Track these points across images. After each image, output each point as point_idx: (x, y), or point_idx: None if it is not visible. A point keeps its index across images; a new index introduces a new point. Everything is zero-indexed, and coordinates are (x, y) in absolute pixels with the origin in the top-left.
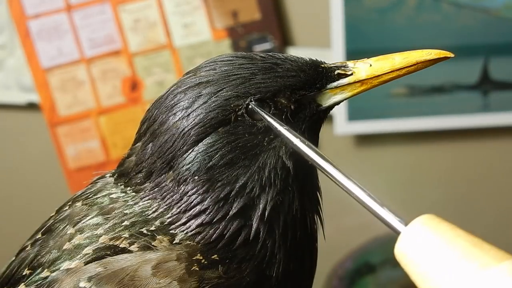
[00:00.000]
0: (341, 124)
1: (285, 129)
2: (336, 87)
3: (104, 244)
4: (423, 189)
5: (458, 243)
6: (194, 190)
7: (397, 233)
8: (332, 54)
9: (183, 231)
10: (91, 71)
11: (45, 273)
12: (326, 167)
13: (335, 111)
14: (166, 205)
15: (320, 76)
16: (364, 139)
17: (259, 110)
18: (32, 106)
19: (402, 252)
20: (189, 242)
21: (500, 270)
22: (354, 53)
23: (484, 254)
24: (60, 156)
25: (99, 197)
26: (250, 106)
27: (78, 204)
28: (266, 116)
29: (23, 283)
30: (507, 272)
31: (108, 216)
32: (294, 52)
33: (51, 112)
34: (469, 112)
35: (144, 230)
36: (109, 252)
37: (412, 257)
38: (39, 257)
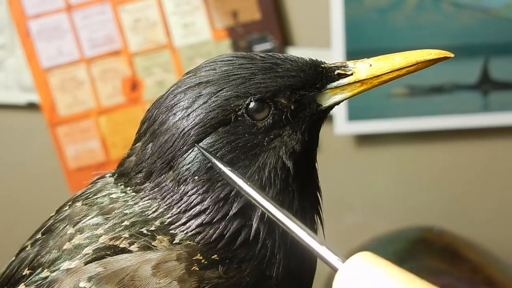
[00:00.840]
0: (341, 124)
1: (229, 169)
2: (336, 87)
3: (104, 244)
4: (423, 189)
5: (393, 280)
6: (194, 190)
7: (335, 270)
8: (332, 54)
9: (183, 231)
10: (91, 71)
11: (45, 273)
12: (268, 206)
13: (335, 111)
14: (166, 205)
15: (320, 76)
16: (364, 139)
17: (204, 152)
18: (32, 106)
19: None
20: (189, 242)
21: None
22: (354, 53)
23: None
24: (60, 156)
25: (99, 197)
26: (196, 149)
27: (78, 204)
28: (212, 158)
29: (23, 283)
30: None
31: (108, 216)
32: (294, 52)
33: (51, 112)
34: (469, 112)
35: (144, 230)
36: (109, 252)
37: None
38: (39, 257)
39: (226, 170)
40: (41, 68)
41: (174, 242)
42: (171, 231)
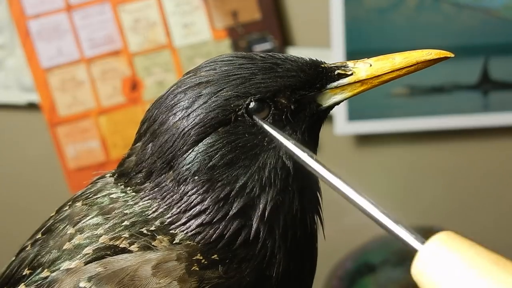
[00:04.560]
0: (341, 124)
1: (291, 142)
2: (336, 87)
3: (104, 244)
4: (423, 189)
5: (479, 262)
6: (194, 190)
7: (413, 251)
8: (332, 54)
9: (183, 231)
10: (91, 71)
11: (45, 273)
12: (335, 182)
13: (335, 111)
14: (166, 205)
15: (320, 76)
16: (364, 139)
17: (258, 120)
18: (32, 106)
19: (420, 271)
20: (189, 242)
21: None
22: (354, 53)
23: (507, 273)
24: (60, 156)
25: (99, 197)
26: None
27: (78, 204)
28: (266, 126)
29: (23, 283)
30: None
31: (108, 216)
32: (294, 52)
33: (51, 112)
34: (469, 112)
35: (144, 230)
36: (109, 252)
37: (431, 277)
38: (39, 257)
39: (281, 138)
40: (41, 68)
41: (174, 242)
42: (171, 231)
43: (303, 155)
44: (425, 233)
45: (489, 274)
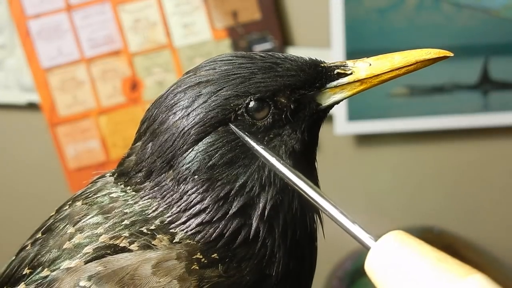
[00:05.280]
0: (341, 124)
1: (261, 148)
2: (335, 87)
3: (104, 243)
4: (423, 189)
5: (426, 258)
6: (194, 189)
7: (367, 248)
8: (332, 54)
9: (183, 230)
10: (91, 71)
11: (45, 272)
12: (300, 184)
13: (335, 111)
14: (166, 204)
15: (320, 75)
16: (364, 139)
17: (237, 130)
18: (32, 106)
19: (372, 267)
20: (189, 241)
21: (467, 284)
22: (354, 53)
23: (451, 269)
24: (60, 156)
25: (99, 197)
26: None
27: (78, 203)
28: (245, 136)
29: (23, 282)
30: (474, 286)
31: (108, 215)
32: (294, 52)
33: (51, 112)
34: (469, 112)
35: (144, 229)
36: (109, 251)
37: (382, 272)
38: (39, 256)
39: (259, 148)
40: (41, 68)
41: (174, 241)
42: (171, 230)
43: (272, 159)
44: (425, 233)
45: (434, 269)
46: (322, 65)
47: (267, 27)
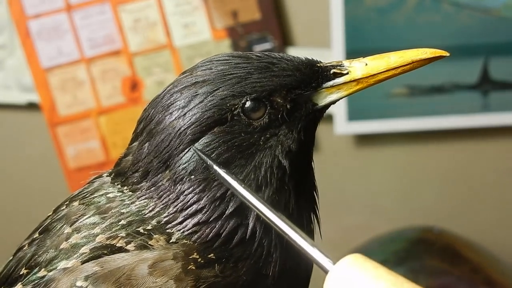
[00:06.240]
0: (341, 124)
1: (224, 171)
2: (332, 86)
3: (101, 244)
4: (423, 189)
5: (381, 282)
6: (190, 189)
7: (325, 272)
8: (332, 54)
9: (179, 230)
10: (91, 71)
11: (42, 273)
12: (262, 208)
13: (335, 111)
14: (162, 204)
15: (316, 75)
16: (364, 139)
17: (200, 154)
18: (32, 106)
19: None
20: (186, 241)
21: None
22: (354, 53)
23: None
24: (60, 156)
25: (96, 197)
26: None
27: (75, 203)
28: (208, 160)
29: (20, 283)
30: None
31: (105, 215)
32: (294, 52)
33: (51, 112)
34: (469, 112)
35: (140, 229)
36: (106, 251)
37: None
38: (36, 256)
39: (221, 172)
40: (41, 68)
41: (171, 241)
42: (167, 230)
43: (235, 183)
44: (425, 233)
45: None
46: (318, 65)
47: (267, 27)
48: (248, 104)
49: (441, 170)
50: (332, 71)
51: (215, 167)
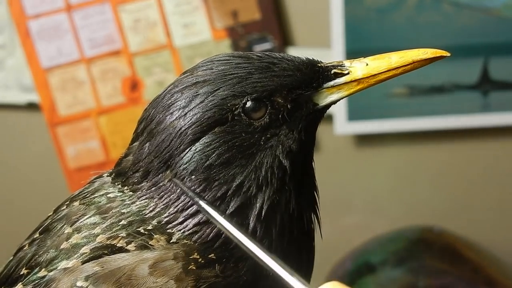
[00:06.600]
0: (341, 124)
1: (207, 204)
2: (332, 86)
3: (101, 244)
4: (423, 189)
5: None
6: (191, 189)
7: None
8: (332, 54)
9: (180, 230)
10: (91, 71)
11: (42, 273)
12: (237, 234)
13: (335, 111)
14: (163, 204)
15: (317, 75)
16: (364, 139)
17: (181, 185)
18: (32, 106)
19: None
20: (186, 241)
21: None
22: (354, 53)
23: None
24: (60, 156)
25: (96, 197)
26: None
27: (76, 203)
28: (188, 191)
29: (20, 283)
30: None
31: (106, 215)
32: (294, 52)
33: (51, 112)
34: (469, 112)
35: (141, 229)
36: (106, 252)
37: None
38: (37, 256)
39: (206, 206)
40: (41, 68)
41: (171, 241)
42: (168, 230)
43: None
44: (425, 233)
45: None
46: (319, 65)
47: (267, 27)
48: (248, 104)
49: (441, 170)
50: (332, 71)
51: (196, 198)
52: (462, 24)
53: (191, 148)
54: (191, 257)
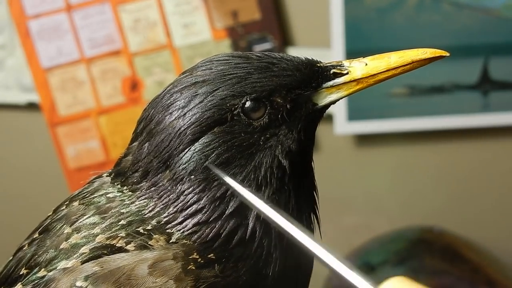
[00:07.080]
0: (341, 124)
1: (249, 191)
2: (332, 86)
3: (100, 244)
4: (423, 189)
5: None
6: (190, 189)
7: None
8: (332, 54)
9: (179, 230)
10: (91, 71)
11: (42, 273)
12: (292, 229)
13: (335, 111)
14: (162, 204)
15: (316, 75)
16: (364, 139)
17: (218, 172)
18: (32, 106)
19: None
20: (186, 241)
21: None
22: (354, 53)
23: None
24: (60, 156)
25: (95, 197)
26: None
27: (75, 203)
28: (222, 175)
29: (20, 283)
30: None
31: (105, 215)
32: (294, 52)
33: (51, 112)
34: (469, 112)
35: (140, 229)
36: (105, 251)
37: None
38: (36, 256)
39: (236, 185)
40: (41, 68)
41: (171, 241)
42: (167, 230)
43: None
44: (425, 233)
45: None
46: (318, 65)
47: (267, 27)
48: (248, 104)
49: (441, 170)
50: (332, 71)
51: (229, 180)
52: (462, 24)
53: (190, 148)
54: (190, 257)
